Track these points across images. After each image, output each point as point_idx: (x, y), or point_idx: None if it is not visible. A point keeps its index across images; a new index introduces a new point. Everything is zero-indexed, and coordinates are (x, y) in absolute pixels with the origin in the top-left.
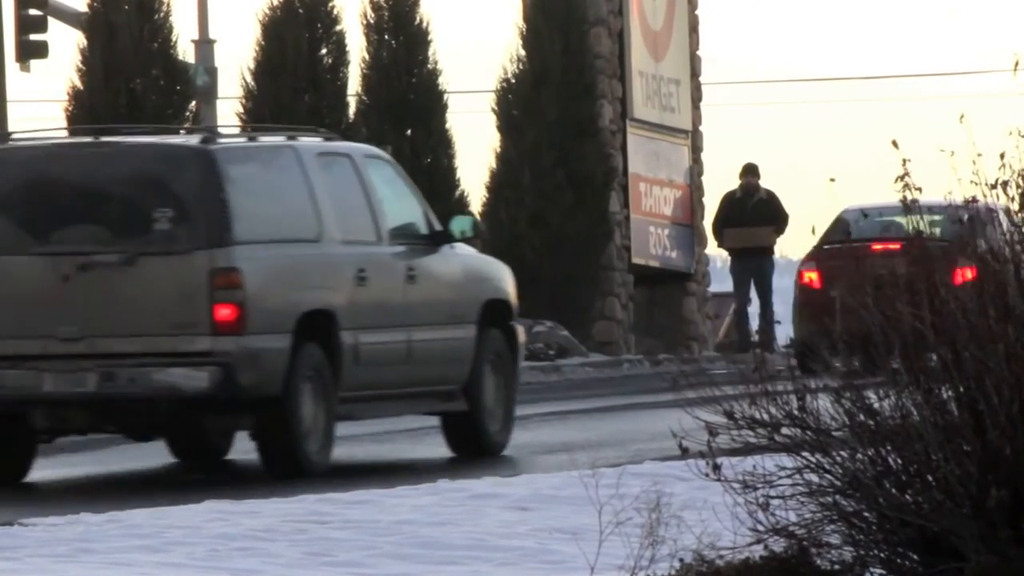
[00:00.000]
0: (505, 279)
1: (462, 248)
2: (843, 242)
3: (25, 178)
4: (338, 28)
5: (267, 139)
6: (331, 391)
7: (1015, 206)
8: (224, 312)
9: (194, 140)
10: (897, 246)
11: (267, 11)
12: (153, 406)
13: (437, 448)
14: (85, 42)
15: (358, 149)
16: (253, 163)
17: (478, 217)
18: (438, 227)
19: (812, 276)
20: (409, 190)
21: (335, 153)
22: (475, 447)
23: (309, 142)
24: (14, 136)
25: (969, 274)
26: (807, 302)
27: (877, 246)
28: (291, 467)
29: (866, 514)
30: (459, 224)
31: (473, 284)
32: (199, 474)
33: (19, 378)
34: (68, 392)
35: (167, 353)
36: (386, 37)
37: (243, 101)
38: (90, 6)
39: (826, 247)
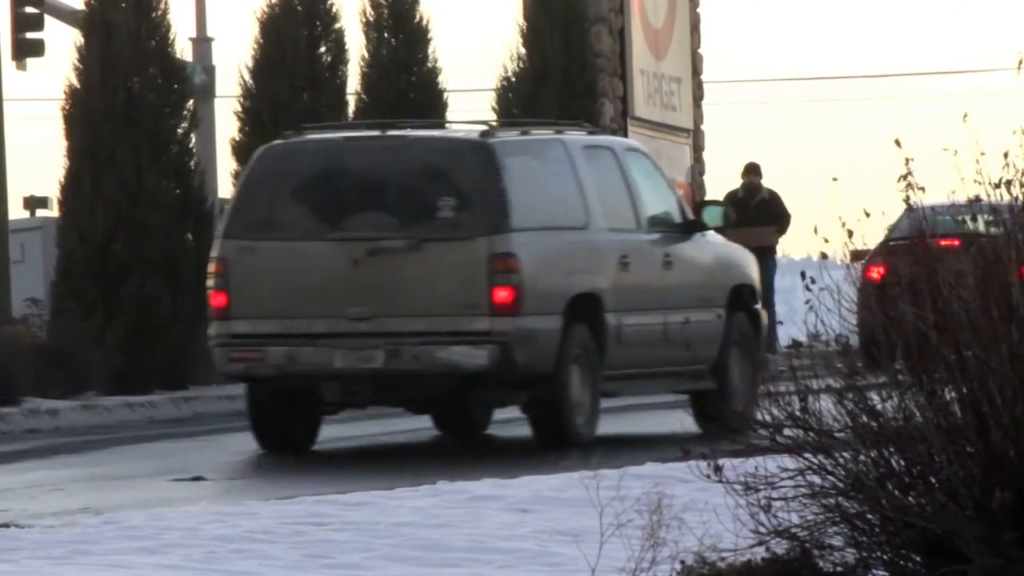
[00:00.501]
0: (751, 266)
1: (712, 236)
2: (908, 238)
3: (320, 169)
4: (337, 26)
5: (538, 133)
6: (596, 369)
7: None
8: (502, 294)
9: (474, 134)
10: (956, 242)
11: (265, 9)
12: (435, 382)
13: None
14: (82, 40)
15: (619, 142)
16: (527, 155)
17: (730, 207)
18: (691, 216)
19: (878, 271)
20: (664, 181)
21: (598, 146)
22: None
23: (575, 135)
24: (305, 131)
25: None
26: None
27: (943, 243)
28: (561, 439)
29: (869, 516)
30: (710, 213)
31: (722, 270)
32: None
33: (312, 355)
34: (357, 368)
35: (449, 332)
36: (385, 35)
37: (241, 100)
38: (87, 4)
39: (891, 243)
